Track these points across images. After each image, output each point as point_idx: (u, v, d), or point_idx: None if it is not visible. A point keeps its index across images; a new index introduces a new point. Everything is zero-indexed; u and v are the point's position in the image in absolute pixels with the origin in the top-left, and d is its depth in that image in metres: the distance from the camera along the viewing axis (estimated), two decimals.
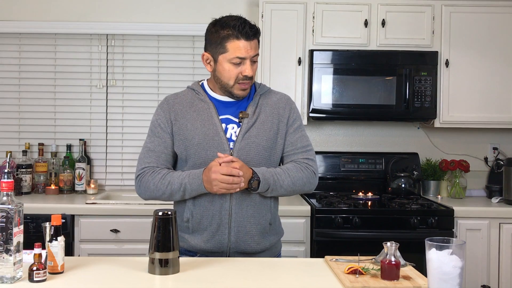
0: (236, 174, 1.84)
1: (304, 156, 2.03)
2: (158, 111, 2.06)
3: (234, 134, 1.99)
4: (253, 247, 1.99)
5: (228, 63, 1.95)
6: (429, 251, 1.44)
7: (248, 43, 1.93)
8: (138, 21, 3.66)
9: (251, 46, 1.94)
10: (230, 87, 1.98)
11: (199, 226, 1.98)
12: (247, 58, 1.94)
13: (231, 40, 1.92)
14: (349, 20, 3.39)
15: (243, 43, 1.92)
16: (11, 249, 1.54)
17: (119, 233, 3.04)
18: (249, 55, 1.94)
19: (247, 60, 1.94)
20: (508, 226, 3.12)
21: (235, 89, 1.98)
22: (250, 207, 1.97)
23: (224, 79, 1.98)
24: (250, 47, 1.93)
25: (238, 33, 1.91)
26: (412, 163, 3.60)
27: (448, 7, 3.39)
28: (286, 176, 1.96)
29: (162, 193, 1.96)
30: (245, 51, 1.92)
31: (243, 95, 2.00)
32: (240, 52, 1.92)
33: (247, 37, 1.92)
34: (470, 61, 3.41)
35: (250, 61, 1.95)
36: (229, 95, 2.01)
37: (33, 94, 3.67)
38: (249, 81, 1.97)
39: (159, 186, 1.95)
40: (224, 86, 1.99)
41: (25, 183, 3.42)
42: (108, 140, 3.71)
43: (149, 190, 1.98)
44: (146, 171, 1.99)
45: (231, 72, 1.95)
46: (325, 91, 3.34)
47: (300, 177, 1.99)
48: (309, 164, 2.02)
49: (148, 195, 2.01)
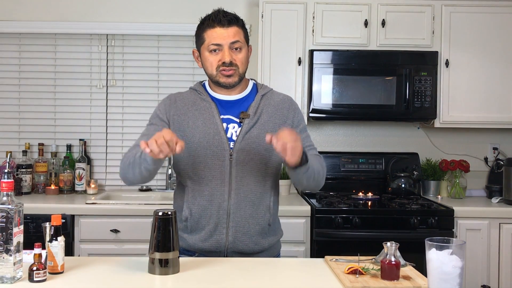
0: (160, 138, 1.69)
1: (313, 153, 2.04)
2: (160, 105, 2.08)
3: (235, 134, 1.99)
4: (251, 247, 1.98)
5: (207, 52, 1.99)
6: (429, 251, 1.44)
7: (224, 30, 1.96)
8: (138, 21, 3.66)
9: (228, 33, 1.96)
10: (215, 77, 2.00)
11: (197, 225, 1.98)
12: (224, 45, 1.96)
13: (207, 30, 1.98)
14: (349, 20, 3.39)
15: (218, 30, 1.96)
16: (11, 249, 1.54)
17: (119, 233, 3.04)
18: (226, 42, 1.96)
19: (224, 47, 1.96)
20: (508, 226, 3.12)
21: (219, 78, 1.99)
22: (249, 207, 1.97)
23: (208, 70, 2.01)
24: (227, 34, 1.96)
25: (212, 21, 1.97)
26: (412, 163, 3.60)
27: (448, 7, 3.39)
28: (314, 163, 1.96)
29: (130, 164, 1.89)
30: (220, 38, 1.96)
31: (229, 83, 1.99)
32: (215, 38, 1.96)
33: (221, 24, 1.96)
34: (470, 61, 3.41)
35: (229, 48, 1.97)
36: (219, 85, 2.02)
37: (33, 94, 3.67)
38: (231, 68, 1.97)
39: (129, 157, 1.91)
40: (211, 77, 2.02)
41: (25, 183, 3.42)
42: (108, 140, 3.71)
43: (125, 165, 1.92)
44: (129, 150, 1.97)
45: (211, 60, 1.98)
46: (325, 91, 3.35)
47: (321, 168, 2.01)
48: (322, 160, 2.05)
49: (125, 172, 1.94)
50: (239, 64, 1.99)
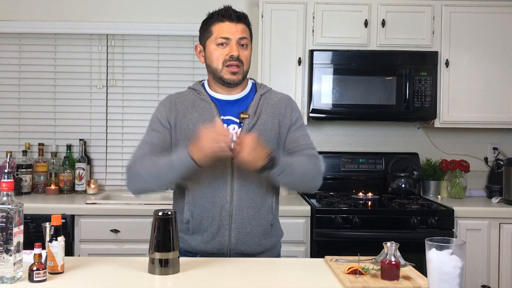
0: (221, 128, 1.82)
1: (310, 152, 2.02)
2: (160, 108, 2.05)
3: (235, 134, 1.98)
4: (254, 248, 1.98)
5: (214, 45, 1.98)
6: (429, 251, 1.44)
7: (233, 25, 1.96)
8: (138, 21, 3.66)
9: (236, 28, 1.97)
10: (220, 72, 1.98)
11: (200, 227, 1.97)
12: (232, 39, 1.96)
13: (215, 23, 1.98)
14: (349, 20, 3.39)
15: (227, 24, 1.96)
16: (11, 249, 1.54)
17: (119, 233, 3.04)
18: (235, 37, 1.96)
19: (232, 41, 1.96)
20: (508, 226, 3.12)
21: (224, 73, 1.98)
22: (251, 208, 1.97)
23: (213, 64, 1.99)
24: (236, 30, 1.96)
25: (221, 16, 1.97)
26: (412, 163, 3.60)
27: (448, 7, 3.39)
28: (299, 164, 1.94)
29: (150, 175, 1.89)
30: (229, 32, 1.96)
31: (233, 80, 1.99)
32: (224, 32, 1.96)
33: (230, 19, 1.97)
34: (470, 61, 3.41)
35: (237, 44, 1.97)
36: (222, 82, 2.00)
37: (33, 94, 3.67)
38: (238, 63, 1.97)
39: (148, 168, 1.89)
40: (214, 72, 2.00)
41: (25, 183, 3.42)
42: (108, 140, 3.71)
43: (140, 177, 1.91)
44: (137, 159, 1.94)
45: (217, 54, 1.97)
46: (325, 91, 3.35)
47: (311, 169, 1.97)
48: (318, 160, 2.02)
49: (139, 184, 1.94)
50: (244, 61, 1.99)
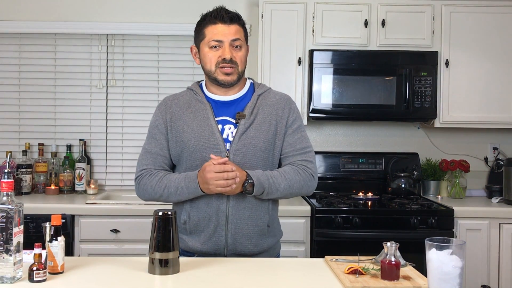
0: (230, 169, 1.84)
1: (303, 158, 2.01)
2: (156, 113, 2.07)
3: (231, 134, 1.98)
4: (250, 249, 1.98)
5: (207, 48, 1.99)
6: (429, 251, 1.44)
7: (226, 27, 1.97)
8: (138, 21, 3.66)
9: (229, 30, 1.97)
10: (213, 73, 1.99)
11: (197, 228, 1.98)
12: (225, 41, 1.97)
13: (208, 26, 1.99)
14: (349, 20, 3.39)
15: (219, 26, 1.97)
16: (11, 249, 1.54)
17: (119, 233, 3.04)
18: (227, 39, 1.97)
19: (225, 43, 1.97)
20: (508, 226, 3.12)
21: (218, 75, 1.99)
22: (247, 209, 1.97)
23: (206, 66, 2.01)
24: (229, 31, 1.97)
25: (214, 18, 1.98)
26: (412, 163, 3.60)
27: (448, 7, 3.39)
28: (283, 179, 1.94)
29: (160, 196, 1.98)
30: (222, 34, 1.97)
31: (227, 81, 1.99)
32: (216, 35, 1.97)
33: (223, 21, 1.97)
34: (470, 61, 3.41)
35: (230, 45, 1.97)
36: (217, 83, 2.01)
37: (33, 94, 3.67)
38: (231, 65, 1.97)
39: (156, 189, 1.97)
40: (209, 74, 2.01)
41: (25, 183, 3.42)
42: (108, 140, 3.71)
43: (147, 192, 2.00)
44: (143, 174, 2.00)
45: (210, 56, 1.99)
46: (325, 91, 3.34)
47: (297, 180, 1.97)
48: (307, 167, 2.00)
49: (147, 197, 2.02)
50: (238, 62, 1.99)
